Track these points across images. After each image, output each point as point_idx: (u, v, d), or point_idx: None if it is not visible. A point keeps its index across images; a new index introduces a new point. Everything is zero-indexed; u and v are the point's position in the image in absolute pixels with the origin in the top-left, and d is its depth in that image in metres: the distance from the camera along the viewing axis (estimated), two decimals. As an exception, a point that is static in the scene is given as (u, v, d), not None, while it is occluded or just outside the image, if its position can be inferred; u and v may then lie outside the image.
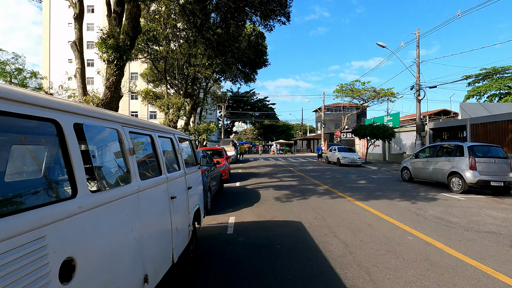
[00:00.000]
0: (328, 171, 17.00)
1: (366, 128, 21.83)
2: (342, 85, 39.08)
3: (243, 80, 27.79)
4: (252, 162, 25.57)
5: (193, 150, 4.74)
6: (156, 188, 2.62)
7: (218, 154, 13.53)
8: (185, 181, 3.62)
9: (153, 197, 2.54)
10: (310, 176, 14.31)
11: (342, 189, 10.17)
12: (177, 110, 16.07)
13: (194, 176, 4.24)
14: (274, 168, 19.11)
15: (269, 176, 14.34)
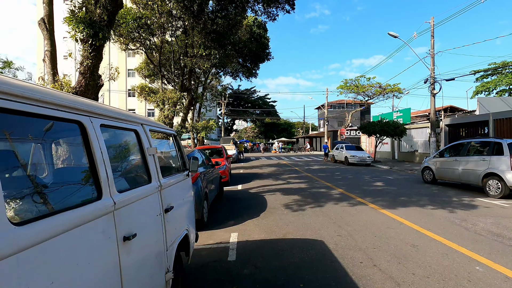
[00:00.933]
0: (337, 171, 15.66)
1: (376, 125, 20.47)
2: (346, 80, 37.72)
3: (244, 75, 26.47)
4: (254, 162, 24.25)
5: (179, 150, 3.39)
6: (78, 230, 1.27)
7: (217, 154, 12.19)
8: (160, 200, 2.28)
9: (69, 249, 1.20)
10: (319, 177, 12.97)
11: (360, 193, 8.83)
12: (172, 105, 14.75)
13: (178, 188, 2.91)
14: (278, 168, 17.77)
15: (274, 178, 13.01)
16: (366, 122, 21.54)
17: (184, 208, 3.06)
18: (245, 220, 6.01)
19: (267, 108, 65.20)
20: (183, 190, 3.08)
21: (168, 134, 3.15)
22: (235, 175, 14.01)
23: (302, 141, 60.16)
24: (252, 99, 65.80)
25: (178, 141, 3.37)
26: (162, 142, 3.35)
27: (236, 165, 20.30)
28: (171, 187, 2.59)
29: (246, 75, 26.70)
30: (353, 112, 41.36)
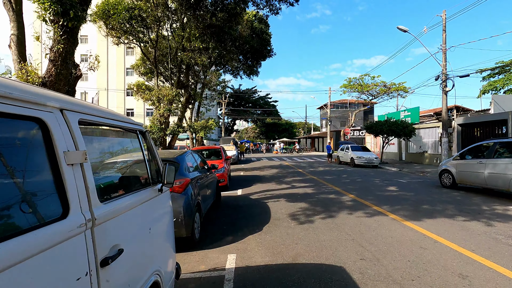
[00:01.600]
0: (344, 174, 14.66)
1: (383, 125, 19.46)
2: (350, 79, 36.71)
3: (245, 73, 25.49)
4: (255, 163, 23.26)
5: (149, 154, 2.40)
6: None
7: (215, 155, 11.21)
8: (91, 244, 1.28)
9: None
10: (325, 181, 11.97)
11: (375, 200, 7.84)
12: (168, 103, 13.79)
13: (141, 213, 1.91)
14: (281, 170, 16.79)
15: (276, 181, 12.02)
16: (372, 122, 20.54)
17: (153, 241, 2.06)
18: (245, 235, 5.03)
19: (268, 108, 64.24)
20: (150, 214, 2.09)
21: (129, 129, 2.16)
22: (235, 178, 13.04)
23: (304, 141, 59.15)
24: (253, 99, 64.89)
25: (147, 140, 2.39)
26: (124, 141, 2.35)
27: (237, 167, 19.32)
28: (122, 216, 1.60)
29: (247, 73, 25.70)
30: (357, 112, 40.35)
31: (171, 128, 13.85)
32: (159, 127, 13.76)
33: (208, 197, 6.16)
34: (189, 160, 5.71)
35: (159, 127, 13.77)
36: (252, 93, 65.57)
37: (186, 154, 5.67)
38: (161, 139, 13.94)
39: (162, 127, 13.82)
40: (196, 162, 6.25)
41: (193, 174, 5.36)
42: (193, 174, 5.32)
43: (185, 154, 5.63)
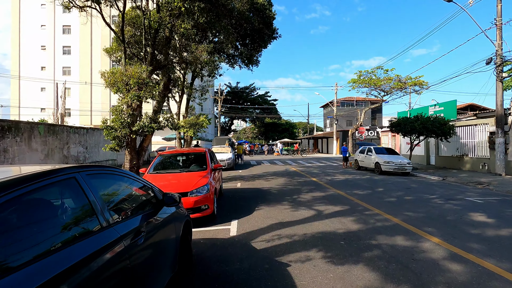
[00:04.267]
0: (376, 185, 10.84)
1: (414, 121, 15.68)
2: (360, 72, 32.90)
3: (243, 62, 21.61)
4: (255, 168, 19.39)
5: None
6: None
7: (197, 163, 7.25)
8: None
9: None
10: (360, 199, 8.11)
11: (478, 246, 4.01)
12: (137, 88, 9.93)
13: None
14: (289, 179, 12.92)
15: (290, 201, 8.14)
16: (401, 118, 16.74)
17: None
18: None
19: (267, 106, 60.43)
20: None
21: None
22: (229, 193, 9.17)
23: (306, 142, 55.39)
24: (251, 97, 61.09)
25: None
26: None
27: (233, 174, 15.45)
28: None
29: (246, 62, 21.82)
30: (367, 110, 36.56)
31: (140, 124, 9.97)
32: (124, 122, 9.89)
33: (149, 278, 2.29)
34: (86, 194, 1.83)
35: (124, 121, 9.90)
36: (251, 91, 61.75)
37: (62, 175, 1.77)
38: (128, 139, 10.07)
39: (128, 122, 9.96)
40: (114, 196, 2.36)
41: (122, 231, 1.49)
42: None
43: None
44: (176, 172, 6.44)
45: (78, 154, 12.96)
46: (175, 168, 6.88)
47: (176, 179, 6.01)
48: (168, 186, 5.66)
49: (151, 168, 6.65)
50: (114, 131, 9.90)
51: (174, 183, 5.78)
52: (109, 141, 10.03)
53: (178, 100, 20.15)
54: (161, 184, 5.82)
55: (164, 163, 7.02)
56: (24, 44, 42.03)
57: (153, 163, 6.82)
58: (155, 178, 6.16)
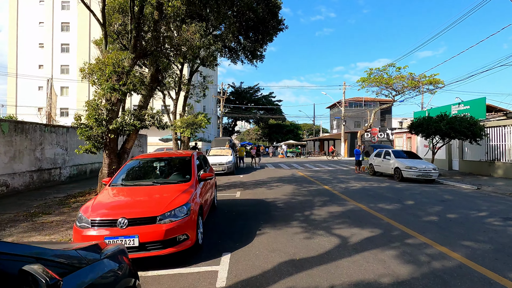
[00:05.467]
0: (405, 197, 9.00)
1: (439, 121, 13.78)
2: (371, 70, 30.92)
3: (246, 57, 19.91)
4: (258, 172, 17.64)
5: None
6: None
7: (180, 171, 5.39)
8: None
9: None
10: (392, 218, 6.29)
11: None
12: (116, 77, 8.30)
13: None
14: (298, 187, 11.13)
15: (301, 220, 6.35)
16: (422, 118, 14.83)
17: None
18: None
19: (271, 105, 58.65)
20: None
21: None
22: (225, 205, 7.42)
23: (312, 144, 53.47)
24: (255, 98, 59.41)
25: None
26: None
27: (232, 180, 13.71)
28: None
29: (249, 57, 20.12)
30: (376, 110, 34.49)
31: (119, 121, 8.27)
32: (100, 119, 8.23)
33: None
34: None
35: (100, 118, 8.23)
36: (255, 91, 60.10)
37: None
38: (106, 139, 8.40)
39: (104, 119, 8.28)
40: None
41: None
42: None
43: None
44: (149, 184, 4.70)
45: (55, 156, 11.32)
46: (149, 178, 5.12)
47: (144, 196, 4.28)
48: (128, 206, 3.94)
49: (117, 178, 4.93)
50: (89, 130, 8.25)
51: (139, 202, 4.05)
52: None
53: (174, 98, 18.53)
54: (118, 204, 4.09)
55: (136, 171, 5.29)
56: (21, 41, 40.87)
57: (120, 171, 5.10)
58: (116, 193, 4.44)
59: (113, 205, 3.98)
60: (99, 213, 3.75)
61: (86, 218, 3.72)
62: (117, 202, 4.09)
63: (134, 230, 3.60)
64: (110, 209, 3.85)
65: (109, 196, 4.27)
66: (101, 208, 3.86)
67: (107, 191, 4.48)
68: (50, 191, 9.74)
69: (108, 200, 4.10)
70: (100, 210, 3.81)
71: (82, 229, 3.68)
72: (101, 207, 3.87)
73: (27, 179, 9.81)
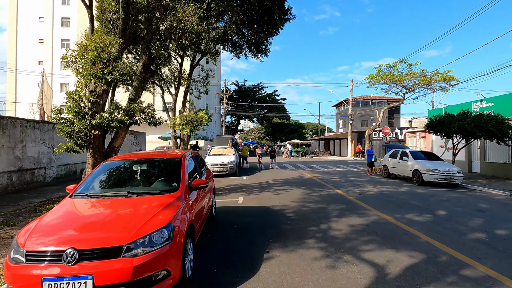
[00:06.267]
0: (433, 205, 7.77)
1: (462, 119, 12.51)
2: (381, 67, 29.57)
3: (250, 51, 18.71)
4: (262, 173, 16.48)
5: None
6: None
7: (164, 176, 4.22)
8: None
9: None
10: (431, 236, 5.08)
11: None
12: (101, 65, 7.21)
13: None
14: (307, 191, 9.94)
15: (318, 237, 5.16)
16: (444, 116, 13.54)
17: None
18: None
19: (275, 104, 57.39)
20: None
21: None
22: (225, 215, 6.28)
23: (317, 143, 52.16)
24: (259, 96, 58.20)
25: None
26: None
27: (234, 182, 12.56)
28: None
29: (253, 51, 18.93)
30: (385, 109, 33.14)
31: (103, 116, 7.14)
32: (83, 112, 7.12)
33: None
34: None
35: (83, 112, 7.13)
36: (259, 89, 58.90)
37: None
38: (89, 135, 7.29)
39: (87, 112, 7.16)
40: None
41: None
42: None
43: None
44: (122, 195, 3.53)
45: (39, 155, 10.26)
46: (125, 186, 3.95)
47: (111, 213, 3.13)
48: (84, 230, 2.80)
49: (83, 186, 3.79)
50: (70, 125, 7.15)
51: (101, 224, 2.90)
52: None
53: (174, 93, 17.42)
54: (70, 226, 2.95)
55: (111, 177, 4.13)
56: (21, 37, 40.07)
57: (88, 177, 3.96)
58: (75, 209, 3.30)
59: (63, 227, 2.83)
60: (39, 240, 2.62)
61: (21, 248, 2.59)
62: (70, 223, 2.93)
63: (87, 267, 2.46)
64: (57, 234, 2.71)
65: (62, 214, 3.12)
66: (44, 232, 2.72)
67: (64, 205, 3.34)
68: (30, 194, 8.66)
69: (59, 220, 2.96)
70: (41, 236, 2.67)
71: (14, 264, 2.55)
72: (44, 231, 2.73)
73: (4, 180, 8.74)
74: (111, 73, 7.15)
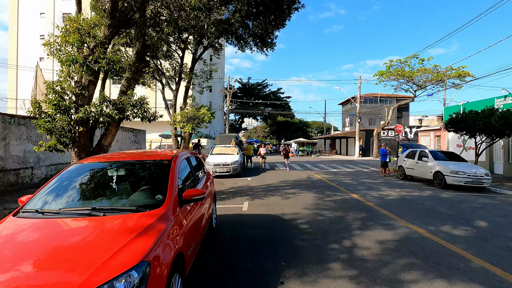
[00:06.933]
0: (467, 214, 6.72)
1: (488, 116, 11.37)
2: (391, 63, 28.35)
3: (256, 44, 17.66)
4: (267, 174, 15.50)
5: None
6: None
7: (146, 184, 3.18)
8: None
9: None
10: (486, 259, 4.06)
11: None
12: (88, 51, 6.31)
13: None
14: (319, 196, 8.92)
15: (343, 259, 4.16)
16: (464, 113, 12.40)
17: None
18: None
19: (280, 105, 56.29)
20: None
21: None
22: (228, 225, 5.32)
23: (322, 142, 50.99)
24: (263, 94, 57.11)
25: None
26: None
27: (240, 183, 11.59)
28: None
29: (259, 45, 17.88)
30: (396, 106, 31.92)
31: (88, 110, 6.18)
32: (64, 106, 6.18)
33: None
34: None
35: (64, 105, 6.18)
36: (263, 87, 57.81)
37: None
38: (74, 132, 6.36)
39: (68, 105, 6.22)
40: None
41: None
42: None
43: None
44: (84, 213, 2.55)
45: (25, 154, 9.38)
46: (93, 198, 2.96)
47: (61, 244, 2.15)
48: (15, 272, 1.83)
49: (36, 198, 2.84)
50: (51, 121, 6.22)
51: (42, 261, 1.94)
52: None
53: (174, 88, 16.47)
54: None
55: (76, 186, 3.14)
56: (22, 33, 39.45)
57: (47, 185, 3.00)
58: (15, 233, 2.33)
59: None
60: None
61: None
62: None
63: None
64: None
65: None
66: None
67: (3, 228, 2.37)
68: (11, 198, 7.78)
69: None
70: None
71: None
72: None
73: (-18, 182, 7.87)
74: (97, 61, 6.21)
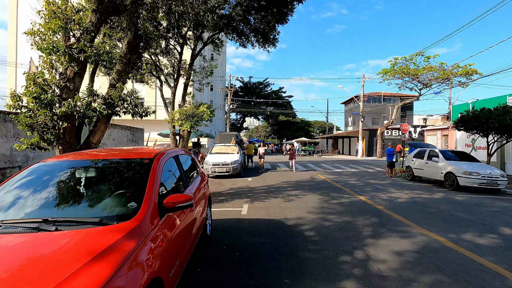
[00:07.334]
0: (488, 219, 6.12)
1: (503, 114, 10.75)
2: (395, 61, 27.66)
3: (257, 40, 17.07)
4: (269, 174, 14.91)
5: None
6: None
7: (119, 188, 2.60)
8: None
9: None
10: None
11: None
12: (73, 39, 5.75)
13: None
14: (324, 198, 8.33)
15: (358, 277, 3.59)
16: (477, 111, 11.77)
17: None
18: None
19: (281, 104, 55.67)
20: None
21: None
22: (223, 232, 4.76)
23: (324, 142, 50.34)
24: (264, 93, 56.55)
25: None
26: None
27: (239, 183, 11.03)
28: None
29: (261, 41, 17.31)
30: (400, 105, 31.23)
31: (72, 104, 5.62)
32: (45, 99, 5.61)
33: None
34: None
35: (46, 98, 5.62)
36: (264, 86, 57.23)
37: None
38: (58, 129, 5.80)
39: (50, 99, 5.66)
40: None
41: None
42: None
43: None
44: (31, 228, 1.99)
45: (12, 152, 8.84)
46: (50, 206, 2.37)
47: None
48: None
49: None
50: (32, 115, 5.67)
51: None
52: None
53: (172, 85, 15.92)
54: None
55: (34, 190, 2.57)
56: (21, 31, 38.99)
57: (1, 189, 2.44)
58: None
59: None
60: None
61: None
62: None
63: None
64: None
65: None
66: None
67: None
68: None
69: None
70: None
71: None
72: None
73: (-37, 182, 7.33)
74: (82, 50, 5.66)
